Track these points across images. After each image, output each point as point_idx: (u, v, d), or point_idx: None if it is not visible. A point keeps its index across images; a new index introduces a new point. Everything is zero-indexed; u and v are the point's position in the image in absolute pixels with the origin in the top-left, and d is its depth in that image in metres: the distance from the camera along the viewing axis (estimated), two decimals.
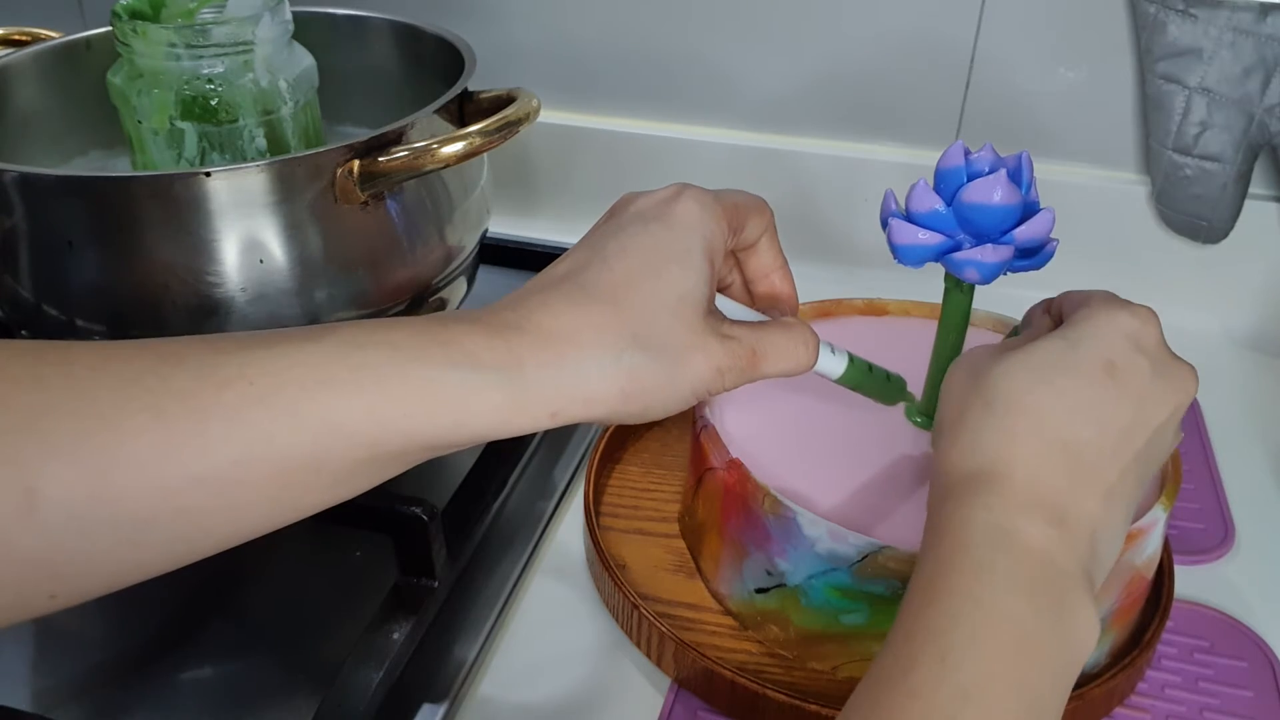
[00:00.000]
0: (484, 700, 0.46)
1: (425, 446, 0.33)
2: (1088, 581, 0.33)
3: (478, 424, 0.33)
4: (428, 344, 0.32)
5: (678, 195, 0.37)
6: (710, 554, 0.49)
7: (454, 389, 0.32)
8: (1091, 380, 0.35)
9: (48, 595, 0.29)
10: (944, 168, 0.42)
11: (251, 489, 0.30)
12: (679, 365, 0.35)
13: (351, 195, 0.47)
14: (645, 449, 0.58)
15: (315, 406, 0.30)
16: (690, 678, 0.45)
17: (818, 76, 0.74)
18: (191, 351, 0.31)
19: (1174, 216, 0.68)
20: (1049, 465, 0.34)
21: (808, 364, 0.39)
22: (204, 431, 0.29)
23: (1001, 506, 0.33)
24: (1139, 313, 0.37)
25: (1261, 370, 0.68)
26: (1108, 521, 0.34)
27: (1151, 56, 0.65)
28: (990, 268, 0.42)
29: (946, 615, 0.31)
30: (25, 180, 0.46)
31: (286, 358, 0.31)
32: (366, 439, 0.31)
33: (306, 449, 0.31)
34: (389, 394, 0.31)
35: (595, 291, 0.35)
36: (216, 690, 0.46)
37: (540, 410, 0.33)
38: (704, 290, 0.36)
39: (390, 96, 0.62)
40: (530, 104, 0.51)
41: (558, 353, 0.33)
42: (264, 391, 0.30)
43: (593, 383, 0.34)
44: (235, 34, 0.51)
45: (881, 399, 0.47)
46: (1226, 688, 0.46)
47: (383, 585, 0.48)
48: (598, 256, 0.36)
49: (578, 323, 0.34)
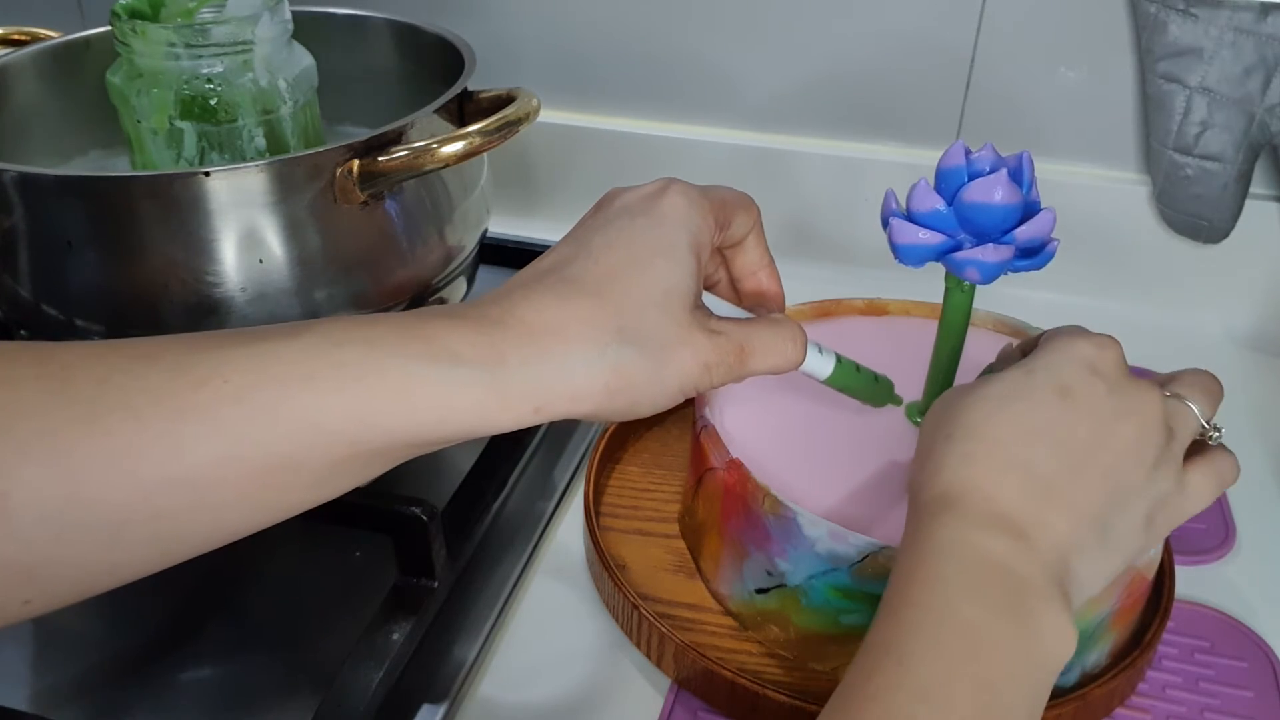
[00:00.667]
0: (484, 700, 0.46)
1: (408, 444, 0.32)
2: (1057, 592, 0.33)
3: (460, 420, 0.32)
4: (408, 340, 0.32)
5: (664, 190, 0.37)
6: (710, 554, 0.49)
7: (435, 385, 0.31)
8: (1045, 403, 0.36)
9: (22, 600, 0.29)
10: (945, 167, 0.42)
11: (229, 490, 0.30)
12: (665, 360, 0.34)
13: (351, 195, 0.47)
14: (645, 449, 0.58)
15: (293, 405, 0.30)
16: (690, 678, 0.45)
17: (818, 76, 0.74)
18: (167, 350, 0.30)
19: (1175, 216, 0.68)
20: (1004, 483, 0.35)
21: (795, 361, 0.39)
22: (179, 431, 0.29)
23: (958, 524, 0.34)
24: (1098, 340, 0.38)
25: (1262, 370, 0.68)
26: (1080, 538, 0.35)
27: (1152, 56, 0.65)
28: (991, 267, 0.42)
29: (905, 625, 0.32)
30: (25, 180, 0.46)
31: (264, 356, 0.30)
32: (346, 437, 0.31)
33: (285, 448, 0.30)
34: (368, 391, 0.31)
35: (580, 285, 0.34)
36: (216, 690, 0.46)
37: (524, 406, 0.33)
38: (690, 285, 0.36)
39: (390, 96, 0.62)
40: (530, 104, 0.51)
41: (541, 347, 0.33)
42: (240, 390, 0.29)
43: (577, 378, 0.33)
44: (234, 34, 0.51)
45: (869, 400, 0.47)
46: (1227, 688, 0.46)
47: (383, 585, 0.47)
48: (583, 250, 0.35)
49: (562, 317, 0.33)
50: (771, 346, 0.38)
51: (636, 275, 0.35)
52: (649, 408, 0.35)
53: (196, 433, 0.29)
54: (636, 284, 0.35)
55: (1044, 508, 0.34)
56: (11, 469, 0.27)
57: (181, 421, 0.29)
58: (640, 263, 0.35)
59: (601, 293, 0.34)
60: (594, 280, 0.34)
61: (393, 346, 0.31)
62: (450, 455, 0.59)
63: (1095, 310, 0.68)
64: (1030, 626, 0.32)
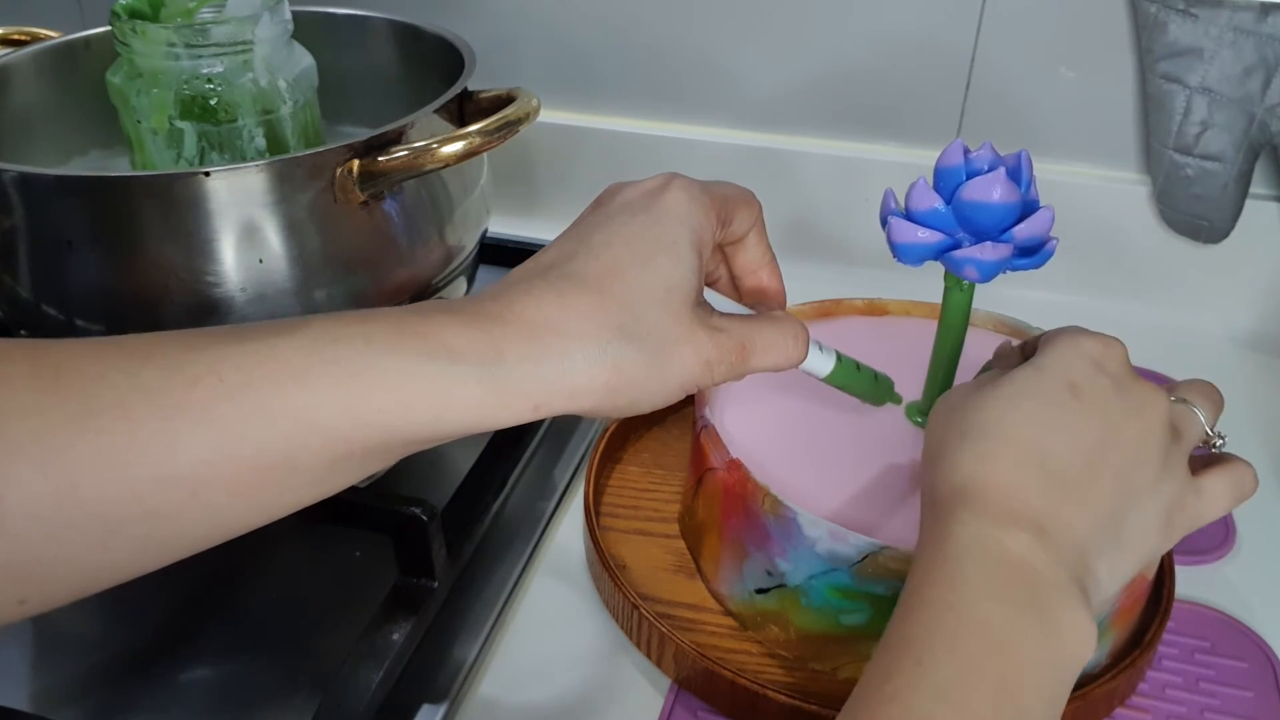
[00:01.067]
0: (484, 700, 0.46)
1: (405, 441, 0.32)
2: (1077, 589, 0.33)
3: (457, 418, 0.32)
4: (404, 336, 0.31)
5: (666, 185, 0.37)
6: (710, 554, 0.49)
7: (431, 382, 0.31)
8: (1056, 401, 0.36)
9: (17, 601, 0.28)
10: (943, 166, 0.42)
11: (224, 489, 0.30)
12: (666, 357, 0.34)
13: (351, 195, 0.47)
14: (645, 449, 0.58)
15: (288, 403, 0.30)
16: (690, 678, 0.45)
17: (818, 76, 0.74)
18: (161, 348, 0.30)
19: (1175, 216, 0.68)
20: (1023, 481, 0.34)
21: (797, 358, 0.39)
22: (172, 430, 0.28)
23: (977, 521, 0.33)
24: (1103, 339, 0.38)
25: (1262, 370, 0.68)
26: (1098, 536, 0.35)
27: (1152, 56, 0.65)
28: (989, 266, 0.42)
29: (923, 624, 0.31)
30: (25, 180, 0.46)
31: (258, 353, 0.30)
32: (342, 435, 0.31)
33: (280, 446, 0.30)
34: (365, 389, 0.30)
35: (581, 282, 0.34)
36: (216, 690, 0.46)
37: (522, 403, 0.33)
38: (692, 282, 0.35)
39: (390, 96, 0.62)
40: (530, 104, 0.51)
41: (540, 343, 0.33)
42: (234, 388, 0.29)
43: (577, 375, 0.33)
44: (235, 34, 0.51)
45: (869, 398, 0.47)
46: (1227, 688, 0.46)
47: (383, 585, 0.47)
48: (584, 247, 0.35)
49: (563, 313, 0.33)
50: (773, 344, 0.38)
51: (637, 272, 0.34)
52: (649, 404, 0.35)
53: (191, 431, 0.29)
54: (637, 281, 0.34)
55: (1062, 505, 0.34)
56: (4, 469, 0.27)
57: (175, 420, 0.28)
58: (641, 259, 0.35)
59: (602, 289, 0.34)
60: (594, 276, 0.34)
61: (389, 343, 0.31)
62: (450, 455, 0.59)
63: (1095, 310, 0.68)
64: (1051, 626, 0.32)
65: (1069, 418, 0.36)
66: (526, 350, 0.32)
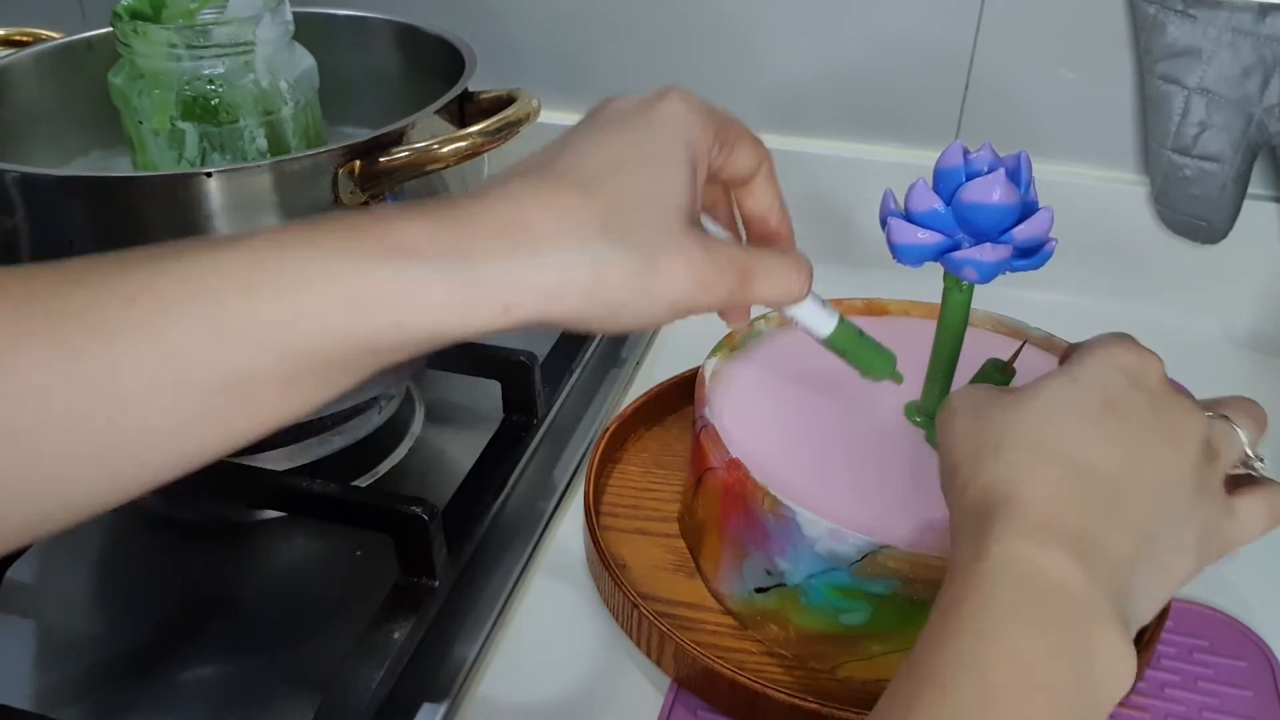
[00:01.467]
0: (484, 700, 0.46)
1: (367, 350, 0.29)
2: (1115, 614, 0.31)
3: (420, 321, 0.29)
4: (358, 239, 0.29)
5: (663, 95, 0.35)
6: (710, 554, 0.49)
7: (388, 285, 0.29)
8: (1092, 416, 0.34)
9: None
10: (943, 167, 0.43)
11: (173, 414, 0.27)
12: (653, 265, 0.32)
13: (352, 195, 0.47)
14: (645, 449, 0.58)
15: (234, 317, 0.27)
16: (690, 677, 0.45)
17: (817, 76, 0.74)
18: (95, 269, 0.27)
19: (1173, 217, 0.68)
20: (1063, 493, 0.32)
21: (800, 292, 0.37)
22: (111, 352, 0.26)
23: (1013, 539, 0.31)
24: (1142, 353, 0.36)
25: (1260, 370, 0.68)
26: (1136, 558, 0.32)
27: (1151, 57, 0.65)
28: (989, 267, 0.42)
29: (952, 653, 0.30)
30: (26, 180, 0.46)
31: (199, 266, 0.28)
32: (298, 349, 0.28)
33: (231, 365, 0.27)
34: (315, 297, 0.28)
35: (561, 180, 0.31)
36: (216, 690, 0.46)
37: (491, 305, 0.30)
38: (684, 194, 0.33)
39: (390, 97, 0.62)
40: (530, 104, 0.51)
41: (511, 239, 0.30)
42: (174, 303, 0.27)
43: (551, 273, 0.30)
44: (236, 34, 0.51)
45: (868, 370, 0.44)
46: (1226, 687, 0.46)
47: (383, 585, 0.48)
48: (570, 149, 0.33)
49: (540, 211, 0.31)
50: (776, 273, 0.36)
51: (626, 177, 0.32)
52: (632, 320, 0.32)
53: (130, 351, 0.26)
54: (625, 185, 0.32)
55: (1102, 523, 0.32)
56: None
57: (113, 341, 0.26)
58: (631, 166, 0.32)
59: (586, 189, 0.31)
60: (577, 176, 0.32)
61: (342, 247, 0.29)
62: (450, 455, 0.60)
63: (1093, 310, 0.68)
64: (1087, 660, 0.30)
65: (1104, 433, 0.34)
66: (496, 247, 0.30)
